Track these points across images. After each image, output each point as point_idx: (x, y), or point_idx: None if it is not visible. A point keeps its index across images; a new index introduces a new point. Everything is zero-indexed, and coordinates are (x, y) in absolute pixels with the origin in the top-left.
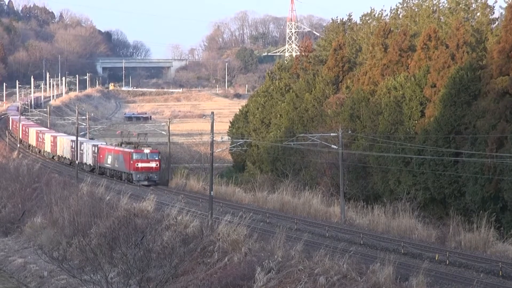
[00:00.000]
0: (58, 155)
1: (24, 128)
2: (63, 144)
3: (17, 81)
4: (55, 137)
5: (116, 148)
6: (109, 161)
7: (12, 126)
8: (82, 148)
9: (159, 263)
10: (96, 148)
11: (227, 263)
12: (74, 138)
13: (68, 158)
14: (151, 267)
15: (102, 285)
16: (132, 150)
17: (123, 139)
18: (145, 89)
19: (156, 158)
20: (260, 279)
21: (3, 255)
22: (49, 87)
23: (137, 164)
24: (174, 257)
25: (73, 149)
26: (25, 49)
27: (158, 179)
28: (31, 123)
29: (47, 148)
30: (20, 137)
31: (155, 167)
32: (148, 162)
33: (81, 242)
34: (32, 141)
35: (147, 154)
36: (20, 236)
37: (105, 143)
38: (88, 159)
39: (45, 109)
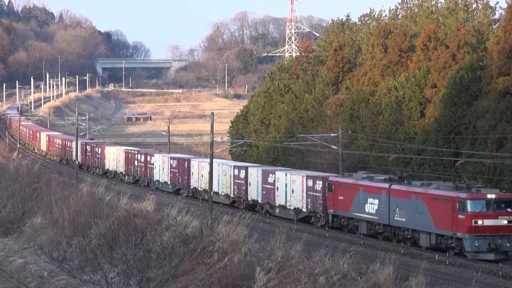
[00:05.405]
0: (157, 181)
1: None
2: (199, 171)
3: (17, 81)
4: (148, 156)
5: (398, 187)
6: (370, 208)
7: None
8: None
9: (159, 263)
10: (322, 183)
11: (227, 263)
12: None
13: (203, 189)
14: (151, 267)
15: (102, 285)
16: (465, 195)
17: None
18: (145, 90)
19: (510, 210)
20: (260, 279)
21: (3, 255)
22: (49, 87)
23: (475, 221)
24: (174, 257)
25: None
26: (25, 49)
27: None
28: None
29: (136, 172)
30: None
31: (507, 225)
32: (496, 217)
33: (81, 242)
34: (112, 165)
35: (492, 201)
36: (20, 236)
37: (340, 176)
38: (279, 198)
39: (45, 110)
